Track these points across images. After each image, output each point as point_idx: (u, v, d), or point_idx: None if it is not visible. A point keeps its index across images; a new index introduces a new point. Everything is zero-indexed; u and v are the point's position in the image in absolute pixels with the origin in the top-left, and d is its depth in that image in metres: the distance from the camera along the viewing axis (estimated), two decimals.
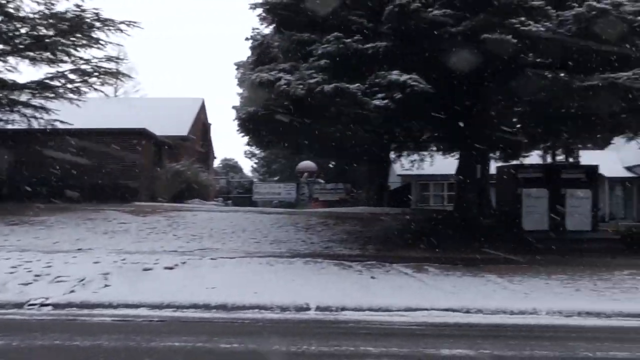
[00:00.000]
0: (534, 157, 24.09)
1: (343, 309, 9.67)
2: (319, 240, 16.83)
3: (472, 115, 16.37)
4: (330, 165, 38.32)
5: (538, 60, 14.89)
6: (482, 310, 9.79)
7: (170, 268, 12.14)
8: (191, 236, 16.67)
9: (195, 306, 9.60)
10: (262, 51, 18.50)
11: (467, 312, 9.75)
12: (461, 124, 16.49)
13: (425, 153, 25.37)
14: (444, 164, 24.00)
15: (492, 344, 7.62)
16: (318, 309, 9.64)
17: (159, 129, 25.44)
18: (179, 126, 29.01)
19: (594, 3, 13.25)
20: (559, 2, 14.61)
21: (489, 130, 16.52)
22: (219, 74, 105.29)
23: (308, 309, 9.64)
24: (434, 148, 24.70)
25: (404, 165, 27.65)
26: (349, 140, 17.42)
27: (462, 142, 18.05)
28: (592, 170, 19.14)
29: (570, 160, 26.42)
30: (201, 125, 34.67)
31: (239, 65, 44.99)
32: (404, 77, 13.39)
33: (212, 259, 13.32)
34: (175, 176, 24.62)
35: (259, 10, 16.97)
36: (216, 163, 46.54)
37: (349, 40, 13.95)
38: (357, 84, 13.47)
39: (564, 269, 13.37)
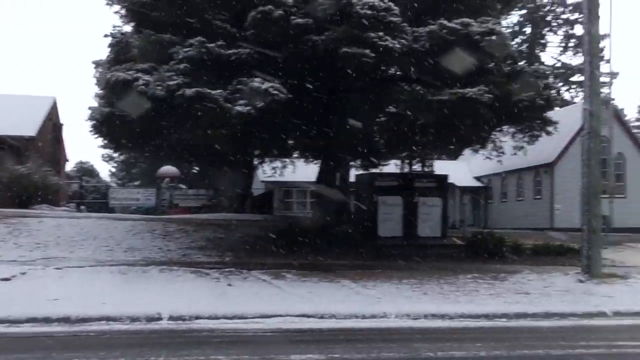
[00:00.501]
0: (392, 166, 25.14)
1: (197, 317, 9.44)
2: (176, 247, 16.36)
3: (334, 124, 16.78)
4: (194, 171, 37.59)
5: (397, 73, 15.63)
6: (335, 315, 9.99)
7: (7, 279, 11.21)
8: (35, 244, 15.52)
9: (33, 320, 8.90)
10: (120, 49, 17.65)
11: (322, 317, 9.91)
12: (322, 133, 16.84)
13: (287, 160, 25.62)
14: (308, 171, 24.35)
15: (343, 348, 7.76)
16: (171, 318, 9.34)
17: (3, 129, 23.51)
18: (26, 126, 27.02)
19: (445, 22, 14.16)
20: (417, 19, 15.48)
21: (350, 139, 17.04)
22: (78, 73, 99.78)
23: (160, 318, 9.30)
24: (297, 155, 25.00)
25: (266, 172, 27.71)
26: (211, 146, 17.14)
27: (323, 150, 18.46)
28: (443, 179, 20.35)
29: (426, 169, 27.95)
30: (52, 126, 32.58)
31: (97, 64, 42.74)
32: (266, 85, 13.40)
33: (57, 268, 12.51)
34: (19, 179, 22.71)
35: (117, 7, 16.27)
36: (70, 166, 43.99)
37: (212, 45, 13.73)
38: (219, 90, 13.28)
39: (414, 274, 14.02)
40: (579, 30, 45.66)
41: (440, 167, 28.30)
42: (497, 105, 14.61)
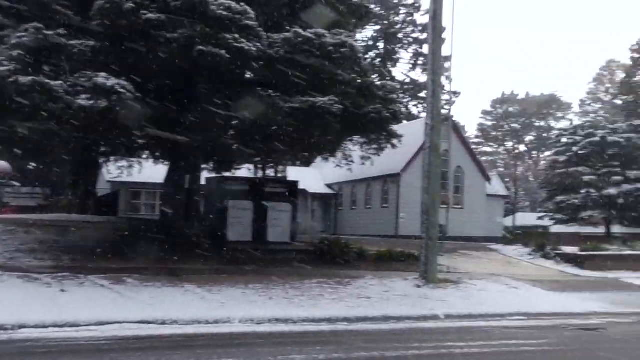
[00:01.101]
0: (245, 171, 24.99)
1: (22, 326, 8.68)
2: (2, 250, 14.95)
3: (185, 125, 16.30)
4: (30, 167, 34.74)
5: (253, 78, 15.55)
6: (177, 321, 9.68)
7: None
8: None
9: None
10: None
11: (163, 323, 9.55)
12: (172, 133, 16.28)
13: (134, 160, 24.51)
14: (157, 172, 23.47)
15: (181, 354, 7.51)
16: None
17: None
18: None
19: (300, 31, 14.34)
20: (273, 26, 15.52)
21: (201, 141, 16.64)
22: None
23: None
24: (145, 155, 23.99)
25: (112, 172, 26.30)
26: (49, 140, 15.89)
27: (172, 151, 17.87)
28: (294, 185, 20.60)
29: (279, 175, 28.14)
30: None
31: None
32: (112, 81, 12.60)
33: None
34: None
35: None
36: None
37: (51, 32, 12.68)
38: (60, 81, 12.34)
39: (261, 279, 13.99)
40: (427, 49, 48.56)
41: (293, 173, 28.72)
42: (347, 116, 15.05)
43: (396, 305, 12.47)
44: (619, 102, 58.65)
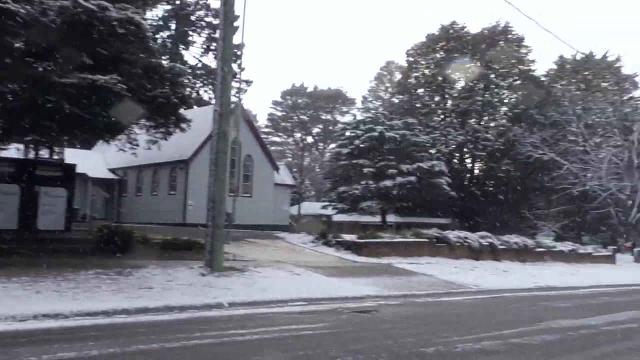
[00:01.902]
0: (13, 151, 22.50)
1: None
2: None
3: None
4: None
5: (23, 47, 13.90)
6: None
7: None
8: None
9: None
10: None
11: None
12: None
13: None
14: None
15: None
16: None
17: None
18: None
19: (81, 0, 13.15)
20: None
21: None
22: None
23: None
24: None
25: None
26: None
27: None
28: (70, 168, 18.99)
29: (55, 157, 25.84)
30: None
31: None
32: None
33: None
34: None
35: None
36: None
37: None
38: None
39: (28, 271, 12.63)
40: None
41: (72, 156, 26.57)
42: (132, 98, 14.21)
43: (179, 295, 12.09)
44: (396, 100, 64.05)
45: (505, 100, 59.42)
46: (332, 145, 71.18)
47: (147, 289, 12.38)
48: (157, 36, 45.17)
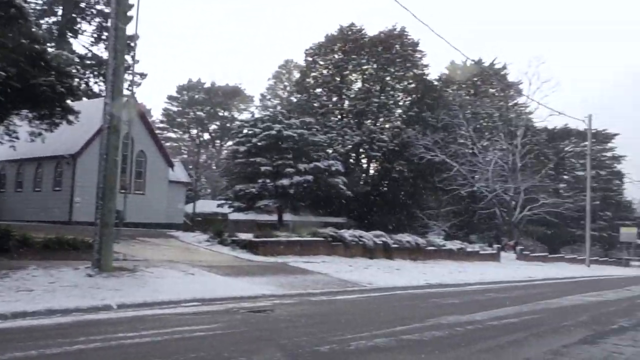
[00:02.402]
0: None
1: None
2: None
3: None
4: None
5: None
6: None
7: None
8: None
9: None
10: None
11: None
12: None
13: None
14: None
15: None
16: None
17: None
18: None
19: None
20: None
21: None
22: None
23: None
24: None
25: None
26: None
27: None
28: None
29: None
30: None
31: None
32: None
33: None
34: None
35: None
36: None
37: None
38: None
39: None
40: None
41: None
42: (12, 86, 13.22)
43: (63, 297, 11.37)
44: (294, 99, 64.31)
45: (400, 103, 61.21)
46: (230, 143, 70.46)
47: (26, 291, 11.55)
48: (42, 22, 42.55)
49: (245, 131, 46.32)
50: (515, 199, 52.80)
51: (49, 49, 16.15)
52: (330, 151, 51.32)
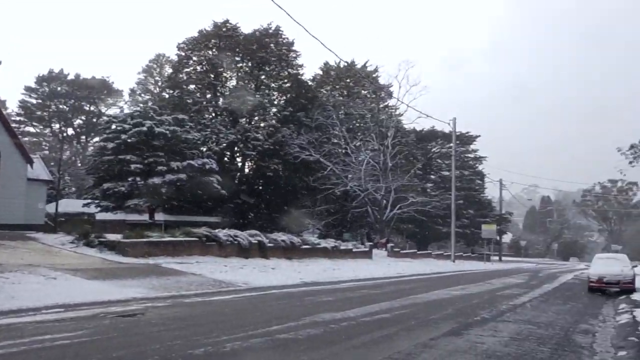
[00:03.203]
0: None
1: None
2: None
3: None
4: None
5: None
6: None
7: None
8: None
9: None
10: None
11: None
12: None
13: None
14: None
15: None
16: None
17: None
18: None
19: None
20: None
21: None
22: None
23: None
24: None
25: None
26: None
27: None
28: None
29: None
30: None
31: None
32: None
33: None
34: None
35: None
36: None
37: None
38: None
39: None
40: None
41: None
42: None
43: None
44: (166, 95, 62.34)
45: (275, 102, 61.30)
46: (97, 139, 66.97)
47: None
48: None
49: (113, 127, 44.09)
50: (386, 197, 54.71)
51: None
52: (204, 149, 50.27)
